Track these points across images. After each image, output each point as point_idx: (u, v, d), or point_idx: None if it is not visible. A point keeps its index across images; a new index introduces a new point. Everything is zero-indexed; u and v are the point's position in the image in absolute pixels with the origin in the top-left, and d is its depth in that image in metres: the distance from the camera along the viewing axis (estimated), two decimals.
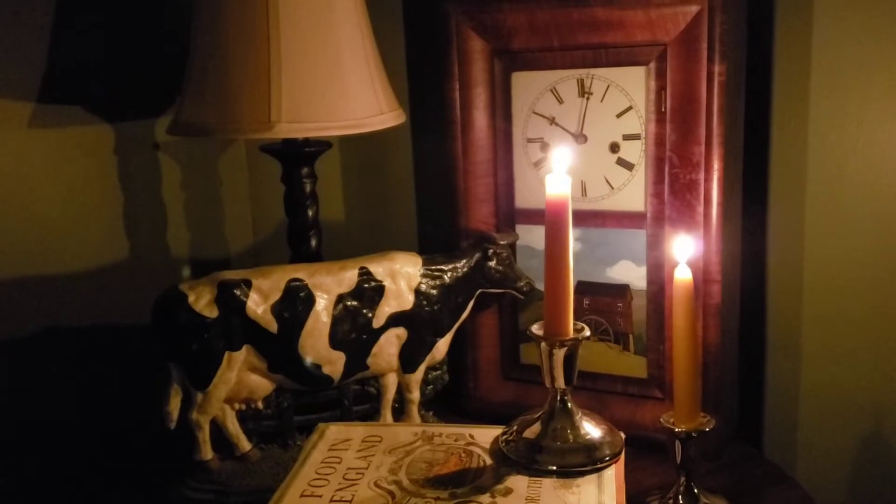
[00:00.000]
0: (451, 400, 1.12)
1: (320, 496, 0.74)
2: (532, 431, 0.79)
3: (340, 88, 0.96)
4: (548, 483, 0.74)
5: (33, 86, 1.06)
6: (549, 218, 0.75)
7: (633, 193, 1.03)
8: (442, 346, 1.03)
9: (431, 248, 1.05)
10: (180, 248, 1.23)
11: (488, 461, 0.78)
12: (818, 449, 1.10)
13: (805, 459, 1.11)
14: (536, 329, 0.78)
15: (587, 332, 0.78)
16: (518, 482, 0.74)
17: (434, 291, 1.00)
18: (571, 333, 0.77)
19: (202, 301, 0.92)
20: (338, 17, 0.96)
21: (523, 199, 1.09)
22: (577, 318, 0.79)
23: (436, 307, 1.00)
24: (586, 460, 0.76)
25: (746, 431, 1.11)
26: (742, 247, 1.07)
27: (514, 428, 0.80)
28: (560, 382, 0.78)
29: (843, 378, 1.07)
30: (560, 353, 0.77)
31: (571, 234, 0.76)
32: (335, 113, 0.95)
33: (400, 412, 1.04)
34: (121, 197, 1.15)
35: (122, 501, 1.00)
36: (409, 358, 1.01)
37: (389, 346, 0.99)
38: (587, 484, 0.74)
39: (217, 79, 0.94)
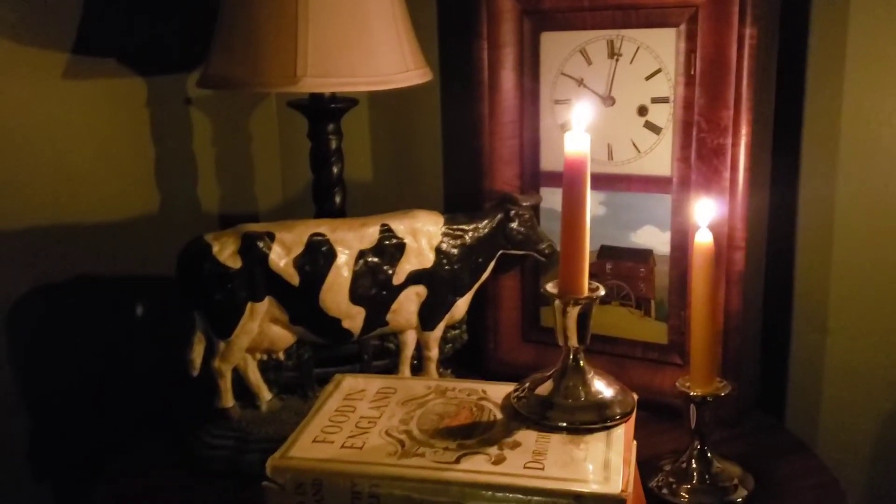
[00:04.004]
0: (470, 360, 1.13)
1: (332, 442, 0.75)
2: (544, 388, 0.79)
3: (366, 44, 0.96)
4: (556, 438, 0.74)
5: (68, 37, 1.07)
6: (566, 175, 0.75)
7: (659, 157, 1.02)
8: (461, 305, 1.04)
9: (457, 209, 1.05)
10: (210, 202, 1.24)
11: (499, 416, 0.79)
12: (840, 424, 1.09)
13: (826, 433, 1.10)
14: (551, 287, 0.78)
15: (602, 292, 0.77)
16: (527, 436, 0.75)
17: (455, 251, 1.00)
18: (586, 292, 0.77)
19: (226, 252, 0.94)
20: None
21: (549, 162, 1.08)
22: (599, 282, 0.78)
23: (456, 266, 1.01)
24: (596, 418, 0.76)
25: (769, 401, 1.10)
26: (770, 215, 1.06)
27: (527, 385, 0.80)
28: (573, 341, 0.78)
29: (870, 354, 1.06)
30: (574, 312, 0.77)
31: (589, 193, 0.75)
32: (360, 68, 0.96)
33: (418, 369, 1.05)
34: (152, 150, 1.17)
35: (145, 448, 1.03)
36: (429, 316, 1.01)
37: (409, 303, 1.00)
38: (595, 441, 0.74)
39: (245, 32, 0.95)
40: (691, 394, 0.87)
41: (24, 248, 1.07)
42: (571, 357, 0.79)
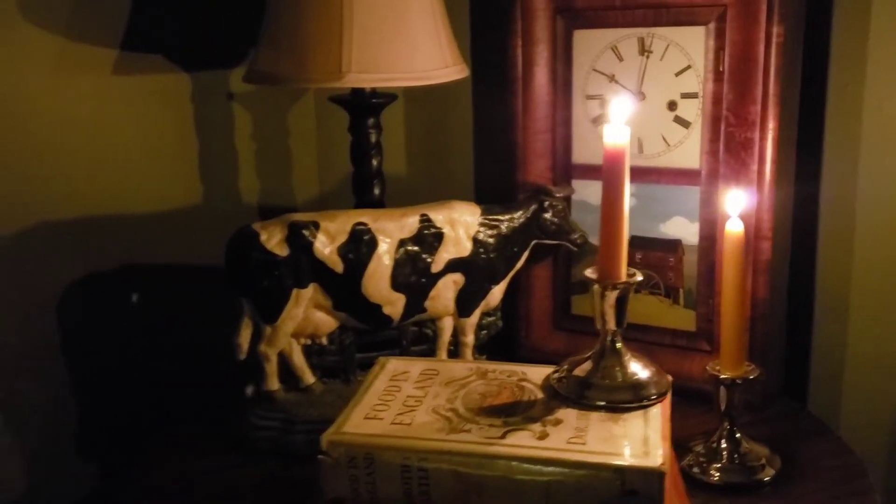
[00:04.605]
0: (503, 347, 1.17)
1: (382, 419, 0.79)
2: (582, 369, 0.83)
3: (407, 41, 1.00)
4: (595, 416, 0.78)
5: (118, 36, 1.12)
6: (606, 166, 0.79)
7: (688, 151, 1.05)
8: (497, 292, 1.07)
9: (487, 202, 1.09)
10: (250, 194, 1.29)
11: (539, 395, 0.83)
12: (861, 409, 1.12)
13: (847, 418, 1.13)
14: (590, 273, 0.82)
15: (639, 277, 0.81)
16: (567, 414, 0.78)
17: (491, 240, 1.04)
18: (624, 278, 0.81)
19: (273, 240, 0.98)
20: None
21: (580, 155, 1.12)
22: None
23: (492, 255, 1.04)
24: (633, 398, 0.80)
25: (792, 388, 1.14)
26: (794, 207, 1.09)
27: (566, 367, 0.84)
28: (611, 324, 0.82)
29: (890, 342, 1.09)
30: (612, 296, 0.81)
31: (628, 183, 0.79)
32: (402, 64, 1.00)
33: (454, 355, 1.09)
34: (196, 144, 1.22)
35: (194, 430, 1.07)
36: (465, 303, 1.05)
37: (447, 290, 1.04)
38: (633, 419, 0.78)
39: (291, 30, 0.99)
40: (721, 376, 0.91)
41: (76, 236, 1.11)
42: (609, 340, 0.83)
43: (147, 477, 0.98)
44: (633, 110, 0.79)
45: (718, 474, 0.91)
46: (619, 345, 0.83)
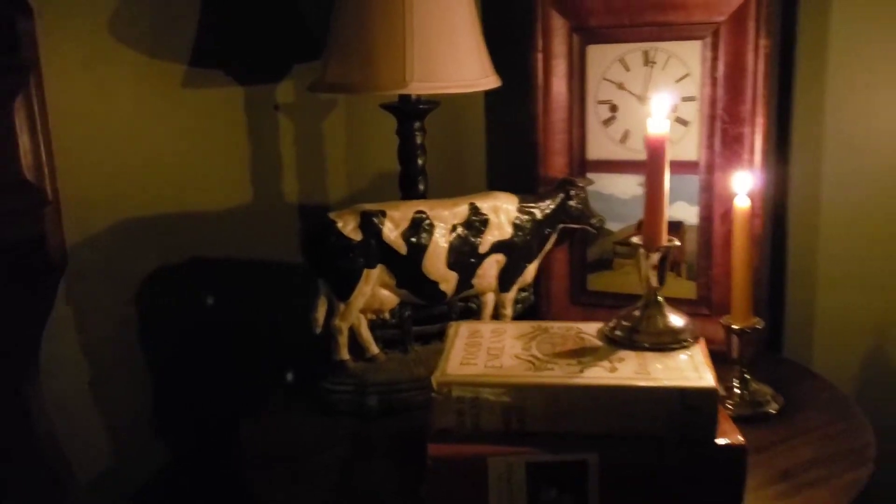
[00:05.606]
0: (530, 320, 1.33)
1: (476, 364, 0.95)
2: (630, 319, 1.00)
3: (458, 54, 1.16)
4: (648, 355, 0.96)
5: (185, 51, 1.26)
6: (650, 151, 0.97)
7: (688, 145, 1.25)
8: (531, 270, 1.24)
9: None
10: (291, 194, 1.43)
11: (598, 343, 1.00)
12: (830, 358, 1.32)
13: (818, 366, 1.33)
14: (636, 239, 1.00)
15: (677, 242, 1.00)
16: (627, 355, 0.96)
17: (528, 224, 1.21)
18: (664, 242, 0.99)
19: (349, 227, 1.12)
20: None
21: (593, 152, 1.31)
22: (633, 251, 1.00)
23: (528, 237, 1.21)
24: (672, 340, 0.98)
25: (770, 341, 1.34)
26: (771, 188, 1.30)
27: (617, 319, 1.02)
28: (654, 282, 1.00)
29: (851, 301, 1.30)
30: (655, 257, 0.99)
31: (668, 166, 0.97)
32: (453, 74, 1.16)
33: None
34: (248, 150, 1.36)
35: (278, 397, 1.20)
36: (506, 279, 1.22)
37: (491, 268, 1.20)
38: (678, 355, 0.96)
39: (359, 45, 1.15)
40: (734, 327, 1.10)
41: (151, 234, 1.24)
42: (652, 295, 1.01)
43: (249, 433, 1.11)
44: (672, 106, 0.98)
45: (733, 408, 1.10)
46: (660, 299, 1.01)
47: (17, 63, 1.01)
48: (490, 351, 0.99)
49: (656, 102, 0.97)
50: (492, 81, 1.22)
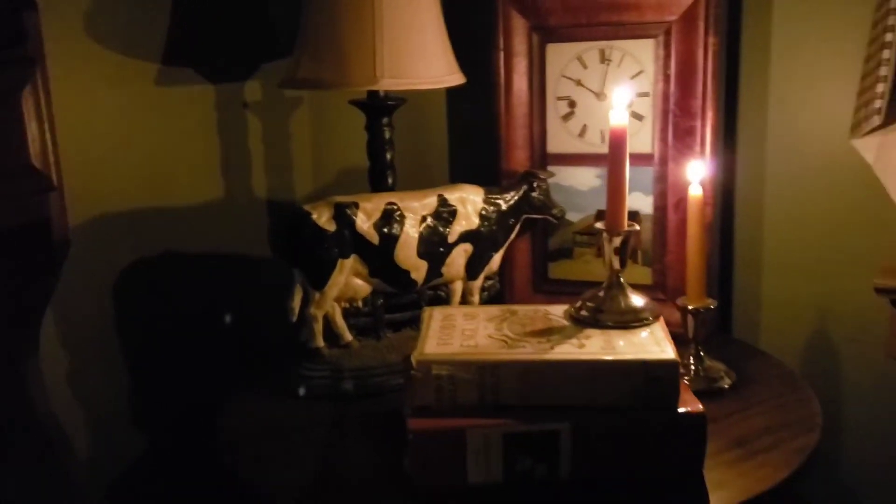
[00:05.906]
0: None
1: (451, 344, 1.00)
2: (595, 300, 1.07)
3: (426, 51, 1.22)
4: (613, 333, 1.02)
5: (157, 50, 1.29)
6: (612, 141, 1.03)
7: (643, 139, 1.32)
8: (497, 259, 1.30)
9: None
10: (260, 189, 1.47)
11: (565, 323, 1.06)
12: (775, 339, 1.40)
13: (765, 346, 1.41)
14: (600, 225, 1.06)
15: (637, 227, 1.06)
16: (593, 333, 1.02)
17: (493, 215, 1.27)
18: (625, 227, 1.05)
19: (323, 218, 1.17)
20: None
21: (553, 146, 1.37)
22: (594, 240, 1.06)
23: (494, 227, 1.27)
24: (634, 319, 1.05)
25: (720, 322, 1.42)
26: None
27: (582, 300, 1.08)
28: (616, 264, 1.06)
29: (793, 285, 1.39)
30: (617, 241, 1.05)
31: (628, 156, 1.04)
32: (422, 71, 1.22)
33: None
34: (218, 146, 1.39)
35: (254, 383, 1.24)
36: (473, 268, 1.27)
37: (459, 257, 1.26)
38: (640, 332, 1.02)
39: (330, 43, 1.19)
40: (689, 307, 1.17)
41: (126, 227, 1.27)
42: (614, 277, 1.07)
43: (229, 417, 1.14)
44: (631, 98, 1.04)
45: (689, 383, 1.16)
46: (622, 280, 1.08)
47: (24, 55, 1.04)
48: (464, 332, 1.04)
49: (617, 95, 1.04)
50: (457, 78, 1.28)
